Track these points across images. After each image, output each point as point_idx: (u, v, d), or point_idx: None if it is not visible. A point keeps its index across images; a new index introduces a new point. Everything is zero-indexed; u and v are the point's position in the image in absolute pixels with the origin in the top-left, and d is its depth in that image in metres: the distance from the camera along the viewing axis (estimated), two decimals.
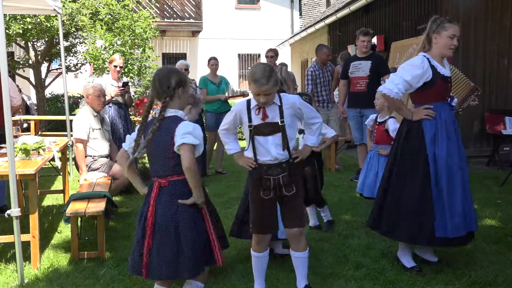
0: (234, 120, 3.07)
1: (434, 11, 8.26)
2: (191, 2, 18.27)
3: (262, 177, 2.99)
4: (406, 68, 3.42)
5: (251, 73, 2.89)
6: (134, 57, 7.81)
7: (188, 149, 2.66)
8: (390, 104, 3.73)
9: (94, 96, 5.20)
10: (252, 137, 2.98)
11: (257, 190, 3.04)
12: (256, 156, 3.00)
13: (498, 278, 3.39)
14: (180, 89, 2.77)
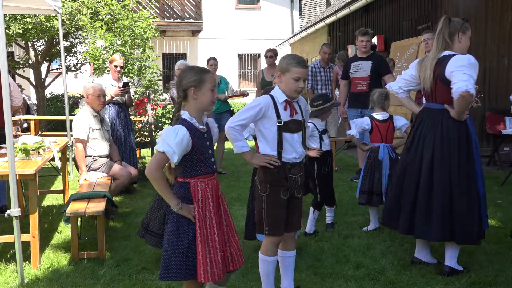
0: (257, 115, 2.87)
1: (434, 11, 8.26)
2: (191, 2, 18.26)
3: (287, 176, 2.91)
4: (472, 67, 3.31)
5: (290, 58, 2.89)
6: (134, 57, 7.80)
7: (156, 155, 2.48)
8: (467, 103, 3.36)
9: (94, 96, 5.20)
10: (281, 133, 2.88)
11: (278, 190, 2.92)
12: (280, 154, 2.89)
13: (498, 278, 3.39)
14: (192, 89, 2.52)
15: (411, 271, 3.54)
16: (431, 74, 3.46)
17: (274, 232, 2.95)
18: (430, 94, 3.54)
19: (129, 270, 3.67)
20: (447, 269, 3.47)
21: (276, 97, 2.91)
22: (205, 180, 2.58)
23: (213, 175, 2.62)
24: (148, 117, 7.59)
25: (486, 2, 7.93)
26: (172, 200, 2.50)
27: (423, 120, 3.57)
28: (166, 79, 16.48)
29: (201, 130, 2.56)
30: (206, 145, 2.59)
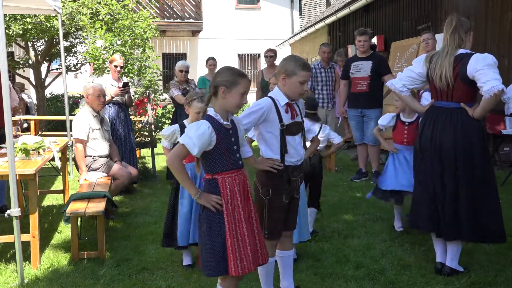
0: (259, 118, 2.86)
1: (434, 11, 8.27)
2: (191, 2, 18.27)
3: (290, 179, 2.92)
4: (496, 66, 3.30)
5: (295, 61, 2.89)
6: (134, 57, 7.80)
7: (177, 146, 2.54)
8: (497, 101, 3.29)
9: (94, 96, 5.20)
10: (284, 137, 2.88)
11: (280, 194, 2.91)
12: (283, 158, 2.88)
13: (498, 278, 3.39)
14: (222, 88, 2.53)
15: (411, 271, 3.54)
16: (450, 72, 3.33)
17: (273, 236, 2.96)
18: (445, 92, 3.39)
19: (129, 270, 3.67)
20: (447, 269, 3.46)
21: (277, 99, 2.89)
22: (232, 175, 2.59)
23: (239, 170, 2.63)
24: (148, 117, 7.58)
25: (486, 2, 7.92)
26: (192, 189, 2.57)
27: (436, 119, 3.43)
28: (166, 79, 16.47)
29: (226, 126, 2.58)
30: (231, 140, 2.61)
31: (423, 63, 3.53)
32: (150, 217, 5.16)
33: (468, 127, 3.33)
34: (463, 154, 3.32)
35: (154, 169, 7.25)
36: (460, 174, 3.33)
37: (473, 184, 3.32)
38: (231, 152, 2.60)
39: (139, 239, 4.42)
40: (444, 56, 3.39)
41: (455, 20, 3.41)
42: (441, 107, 3.43)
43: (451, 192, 3.35)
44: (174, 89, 6.65)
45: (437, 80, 3.40)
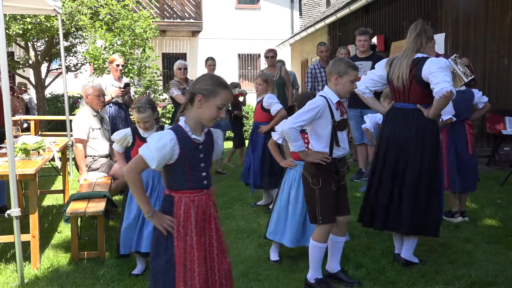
0: (315, 116, 3.10)
1: (434, 11, 8.26)
2: (191, 2, 18.26)
3: (338, 169, 3.19)
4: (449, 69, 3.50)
5: (346, 62, 3.14)
6: (134, 57, 7.81)
7: (136, 157, 2.34)
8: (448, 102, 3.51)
9: (93, 96, 5.20)
10: (335, 132, 3.13)
11: (330, 183, 3.19)
12: (331, 151, 3.15)
13: (498, 278, 3.39)
14: (199, 97, 2.31)
15: (411, 271, 3.54)
16: (407, 73, 3.53)
17: (327, 220, 3.20)
18: (403, 94, 3.60)
19: (129, 270, 3.67)
20: (402, 260, 3.65)
21: (329, 98, 3.15)
22: (191, 196, 2.36)
23: (202, 191, 2.39)
24: None
25: (486, 2, 7.92)
26: (145, 205, 2.35)
27: (394, 119, 3.62)
28: (166, 79, 16.48)
29: (195, 140, 2.35)
30: (198, 157, 2.36)
31: (384, 66, 3.75)
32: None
33: (422, 127, 3.54)
34: (414, 151, 3.53)
35: None
36: (409, 170, 3.53)
37: (419, 180, 3.52)
38: (195, 170, 2.36)
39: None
40: (403, 59, 3.59)
41: (419, 26, 3.62)
42: (399, 108, 3.65)
43: (399, 187, 3.56)
44: (174, 89, 6.65)
45: (394, 82, 3.62)
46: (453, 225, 4.60)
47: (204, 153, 2.39)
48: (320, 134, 3.15)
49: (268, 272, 3.59)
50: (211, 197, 2.47)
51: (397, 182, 3.57)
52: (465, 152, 4.67)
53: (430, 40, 3.63)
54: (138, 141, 3.73)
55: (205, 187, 2.41)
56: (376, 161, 3.75)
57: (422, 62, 3.50)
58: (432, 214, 3.54)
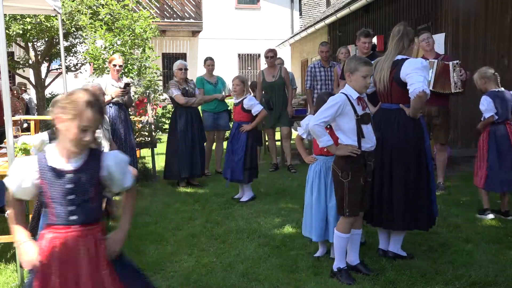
0: (337, 112, 3.25)
1: (434, 11, 8.26)
2: (191, 2, 18.27)
3: (366, 162, 3.32)
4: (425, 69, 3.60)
5: (357, 59, 3.29)
6: (134, 57, 7.80)
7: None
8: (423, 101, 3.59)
9: None
10: (360, 126, 3.26)
11: (359, 176, 3.31)
12: (360, 144, 3.27)
13: (498, 278, 3.39)
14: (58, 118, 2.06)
15: (411, 271, 3.54)
16: (387, 75, 3.65)
17: (353, 213, 3.34)
18: (385, 95, 3.73)
19: None
20: (391, 254, 3.77)
21: (349, 94, 3.30)
22: (55, 232, 2.04)
23: (69, 227, 2.04)
24: (148, 117, 7.59)
25: (486, 2, 7.92)
26: (16, 233, 2.12)
27: (380, 120, 3.73)
28: (166, 79, 16.48)
29: (61, 169, 2.04)
30: (63, 188, 2.03)
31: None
32: (150, 217, 5.16)
33: (405, 125, 3.66)
34: (399, 149, 3.63)
35: (154, 169, 7.25)
36: (395, 168, 3.64)
37: (406, 177, 3.61)
38: (58, 203, 2.03)
39: (139, 239, 4.42)
40: (384, 61, 3.72)
41: (403, 28, 3.73)
42: (384, 109, 3.78)
43: (387, 185, 3.65)
44: (174, 89, 6.65)
45: (377, 84, 3.75)
46: (453, 225, 4.60)
47: (75, 184, 2.05)
48: (346, 129, 3.29)
49: (268, 272, 3.59)
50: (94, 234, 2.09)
51: (385, 180, 3.67)
52: (509, 152, 4.77)
53: (412, 42, 3.76)
54: None
55: (74, 223, 2.05)
56: None
57: (401, 63, 3.61)
58: (422, 208, 3.65)
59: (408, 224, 3.67)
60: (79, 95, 2.05)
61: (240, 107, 5.77)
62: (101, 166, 2.11)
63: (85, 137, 2.03)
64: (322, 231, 3.76)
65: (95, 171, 2.09)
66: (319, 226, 3.75)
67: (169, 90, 6.73)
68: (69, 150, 2.06)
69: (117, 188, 2.20)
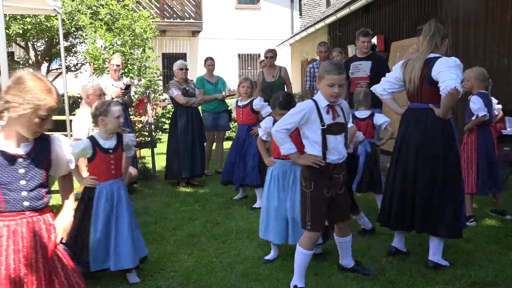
0: (301, 120, 3.08)
1: (434, 11, 8.26)
2: (191, 2, 18.27)
3: (332, 176, 3.12)
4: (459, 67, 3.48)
5: (327, 66, 3.09)
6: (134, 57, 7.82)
7: None
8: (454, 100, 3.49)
9: (95, 95, 5.20)
10: (325, 136, 3.07)
11: (321, 189, 3.12)
12: (325, 155, 3.09)
13: (498, 278, 3.39)
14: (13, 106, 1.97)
15: (411, 271, 3.54)
16: (418, 75, 3.55)
17: (315, 227, 3.14)
18: (416, 94, 3.64)
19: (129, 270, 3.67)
20: (431, 263, 3.60)
21: (318, 102, 3.10)
22: (4, 220, 2.00)
23: (21, 213, 2.02)
24: (148, 117, 7.59)
25: (486, 2, 7.92)
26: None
27: (408, 120, 3.66)
28: (166, 79, 16.48)
29: (11, 154, 1.99)
30: (15, 173, 1.99)
31: (400, 68, 3.78)
32: (150, 217, 5.16)
33: (434, 126, 3.54)
34: (428, 152, 3.53)
35: (154, 169, 7.25)
36: (421, 170, 3.55)
37: (432, 180, 3.52)
38: (8, 189, 1.98)
39: None
40: (416, 60, 3.62)
41: (433, 26, 3.61)
42: (413, 109, 3.68)
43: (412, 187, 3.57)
44: (174, 89, 6.65)
45: (407, 83, 3.65)
46: None
47: (27, 168, 2.02)
48: (312, 138, 3.12)
49: (268, 272, 3.59)
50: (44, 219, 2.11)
51: (409, 182, 3.58)
52: (494, 155, 4.82)
53: (445, 39, 3.64)
54: (99, 153, 3.42)
55: (27, 209, 2.04)
56: (391, 162, 3.80)
57: (433, 61, 3.51)
58: (452, 214, 3.50)
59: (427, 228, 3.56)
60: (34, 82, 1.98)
61: (249, 108, 5.66)
62: (50, 149, 2.10)
63: (45, 125, 2.01)
64: (282, 233, 3.74)
65: (45, 155, 2.07)
66: (279, 229, 3.73)
67: (169, 90, 6.73)
68: (20, 135, 2.01)
69: (62, 171, 2.21)
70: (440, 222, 3.52)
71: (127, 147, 3.58)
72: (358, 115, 4.96)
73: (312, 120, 3.07)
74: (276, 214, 3.74)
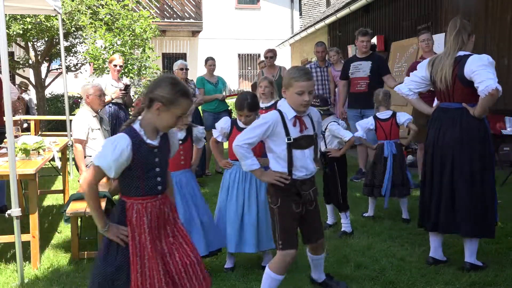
0: (265, 133, 2.78)
1: (434, 11, 8.27)
2: (191, 2, 18.27)
3: (299, 192, 2.85)
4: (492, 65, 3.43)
5: (293, 72, 2.82)
6: (134, 57, 7.81)
7: (92, 168, 2.26)
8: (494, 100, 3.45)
9: (95, 96, 5.19)
10: (290, 151, 2.80)
11: (289, 203, 2.85)
12: (290, 172, 2.81)
13: (498, 278, 3.39)
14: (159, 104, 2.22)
15: (411, 271, 3.54)
16: (450, 73, 3.44)
17: (287, 245, 2.84)
18: (447, 94, 3.52)
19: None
20: (468, 265, 3.52)
21: (284, 113, 2.81)
22: (144, 202, 2.28)
23: (156, 196, 2.31)
24: None
25: (486, 2, 7.92)
26: (99, 220, 2.27)
27: (440, 120, 3.55)
28: None
29: (150, 145, 2.27)
30: (153, 161, 2.29)
31: (426, 67, 3.65)
32: None
33: (469, 126, 3.45)
34: (463, 152, 3.45)
35: None
36: (459, 171, 3.46)
37: (471, 181, 3.44)
38: (149, 175, 2.28)
39: None
40: (445, 58, 3.50)
41: (459, 23, 3.52)
42: (444, 108, 3.57)
43: (450, 188, 3.48)
44: None
45: (438, 82, 3.53)
46: None
47: (160, 157, 2.31)
48: (276, 152, 2.83)
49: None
50: (167, 200, 2.39)
51: (445, 183, 3.49)
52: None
53: (472, 36, 3.56)
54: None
55: (160, 193, 2.33)
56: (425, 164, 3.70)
57: (464, 60, 3.42)
58: (486, 215, 3.47)
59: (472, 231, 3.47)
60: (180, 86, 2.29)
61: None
62: (171, 141, 2.41)
63: (179, 122, 2.34)
64: (237, 242, 3.52)
65: (167, 146, 2.38)
66: (234, 236, 3.51)
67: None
68: (155, 129, 2.30)
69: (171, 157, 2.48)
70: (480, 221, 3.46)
71: (197, 139, 3.69)
72: (380, 116, 4.91)
73: (276, 133, 2.78)
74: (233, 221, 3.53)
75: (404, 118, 4.84)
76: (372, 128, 4.91)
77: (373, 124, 4.89)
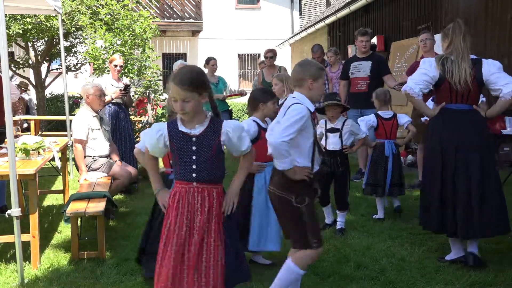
0: (302, 126, 2.69)
1: (434, 11, 8.27)
2: (191, 2, 18.27)
3: (316, 188, 2.86)
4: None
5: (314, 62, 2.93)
6: (134, 57, 7.81)
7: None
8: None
9: (95, 96, 5.20)
10: (315, 144, 2.80)
11: (312, 201, 2.84)
12: (313, 166, 2.79)
13: (498, 278, 3.39)
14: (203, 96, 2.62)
15: (411, 271, 3.54)
16: (471, 75, 3.49)
17: (320, 243, 2.81)
18: (461, 95, 3.53)
19: (129, 270, 3.67)
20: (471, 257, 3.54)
21: (307, 107, 2.76)
22: (179, 186, 2.49)
23: (189, 183, 2.46)
24: (148, 117, 7.58)
25: (486, 2, 7.92)
26: (153, 183, 2.61)
27: (450, 121, 3.56)
28: (166, 79, 16.48)
29: (188, 133, 2.47)
30: (190, 149, 2.45)
31: (436, 67, 3.61)
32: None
33: (481, 126, 3.54)
34: (477, 153, 3.49)
35: None
36: (474, 172, 3.47)
37: (487, 181, 3.48)
38: (184, 161, 2.46)
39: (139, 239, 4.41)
40: (461, 60, 3.52)
41: (463, 25, 3.58)
42: (454, 109, 3.58)
43: (464, 191, 3.48)
44: None
45: (456, 84, 3.51)
46: None
47: (197, 146, 2.46)
48: (303, 147, 2.76)
49: (268, 272, 3.59)
50: (209, 192, 2.48)
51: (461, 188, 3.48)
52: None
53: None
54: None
55: (194, 180, 2.46)
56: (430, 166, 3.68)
57: (479, 63, 3.53)
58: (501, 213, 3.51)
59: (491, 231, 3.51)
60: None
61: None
62: (220, 132, 2.49)
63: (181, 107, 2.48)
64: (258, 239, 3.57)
65: (215, 136, 2.47)
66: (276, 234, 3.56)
67: (169, 90, 6.72)
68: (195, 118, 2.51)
69: (236, 152, 2.58)
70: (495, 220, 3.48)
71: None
72: (383, 115, 4.95)
73: (307, 126, 2.72)
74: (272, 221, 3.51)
75: (404, 120, 4.94)
76: (374, 125, 4.91)
77: (375, 121, 4.91)
